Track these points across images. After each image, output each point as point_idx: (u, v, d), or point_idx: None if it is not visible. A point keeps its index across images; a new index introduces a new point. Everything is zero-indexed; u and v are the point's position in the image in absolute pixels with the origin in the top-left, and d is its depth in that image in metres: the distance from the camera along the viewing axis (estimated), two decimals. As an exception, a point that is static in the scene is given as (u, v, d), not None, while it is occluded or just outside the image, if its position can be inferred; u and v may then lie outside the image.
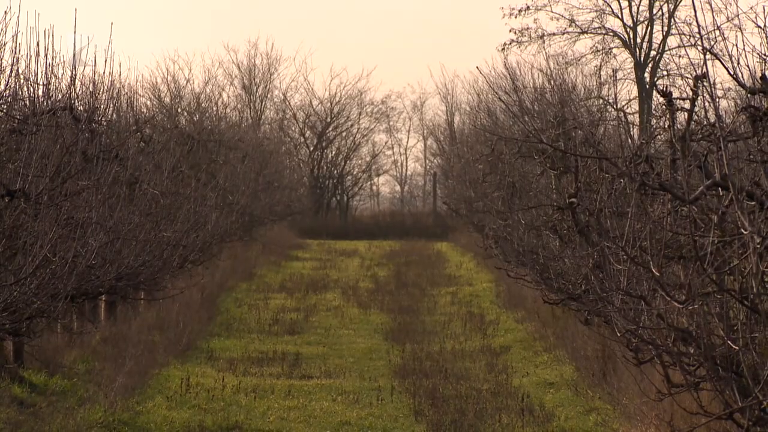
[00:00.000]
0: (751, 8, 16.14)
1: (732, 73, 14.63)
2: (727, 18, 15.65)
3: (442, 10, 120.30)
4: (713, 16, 14.85)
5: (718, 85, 16.52)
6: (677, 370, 15.06)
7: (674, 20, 62.31)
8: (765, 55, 14.44)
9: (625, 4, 65.14)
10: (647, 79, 59.76)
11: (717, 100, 15.61)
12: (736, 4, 21.35)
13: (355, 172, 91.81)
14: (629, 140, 23.18)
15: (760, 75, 14.45)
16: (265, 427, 23.03)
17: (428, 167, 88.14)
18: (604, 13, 65.49)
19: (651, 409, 18.76)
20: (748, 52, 14.62)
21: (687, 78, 19.51)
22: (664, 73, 62.10)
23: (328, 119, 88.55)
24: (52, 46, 25.16)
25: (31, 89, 25.00)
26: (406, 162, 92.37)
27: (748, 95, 14.70)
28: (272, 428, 22.97)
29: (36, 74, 24.96)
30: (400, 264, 56.70)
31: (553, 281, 27.31)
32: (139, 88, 46.24)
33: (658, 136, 21.81)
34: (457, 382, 27.07)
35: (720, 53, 14.61)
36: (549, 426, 22.40)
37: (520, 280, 33.77)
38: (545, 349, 30.86)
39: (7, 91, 22.91)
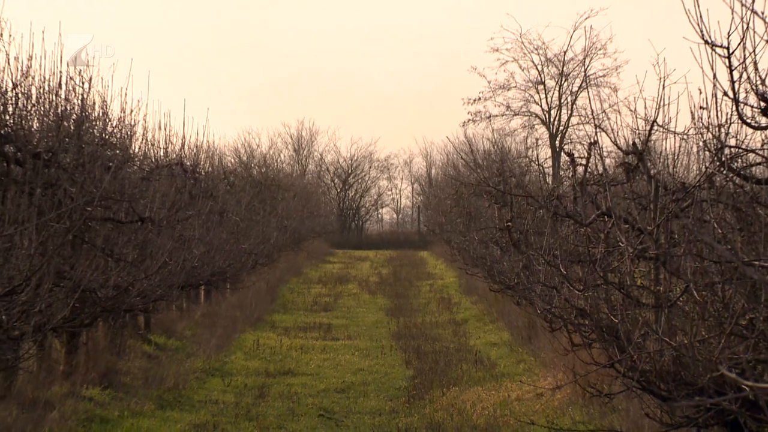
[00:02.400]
0: (625, 98, 16.00)
1: (613, 141, 15.42)
2: (609, 105, 16.46)
3: (423, 98, 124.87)
4: (600, 104, 17.12)
5: (604, 149, 17.51)
6: (577, 335, 15.50)
7: (575, 106, 67.00)
8: (634, 129, 14.81)
9: (543, 96, 70.08)
10: (558, 145, 63.34)
11: (603, 159, 16.79)
12: (616, 96, 22.42)
13: (366, 206, 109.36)
14: (545, 185, 24.67)
15: (631, 142, 14.96)
16: (308, 372, 25.25)
17: (414, 202, 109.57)
18: (529, 101, 74.80)
19: (560, 360, 19.33)
20: (624, 127, 15.12)
21: (584, 144, 20.86)
22: (569, 141, 67.25)
23: (349, 171, 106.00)
24: (169, 123, 28.30)
25: (155, 151, 27.73)
26: (400, 199, 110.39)
27: (624, 155, 15.48)
28: (313, 372, 25.19)
29: (158, 141, 27.91)
30: (396, 265, 62.06)
31: (495, 277, 30.41)
32: (226, 150, 52.02)
33: (565, 182, 22.58)
34: (433, 343, 29.74)
35: (605, 128, 15.51)
36: (493, 371, 24.32)
37: (474, 276, 38.70)
38: (491, 321, 34.26)
39: (140, 152, 25.30)
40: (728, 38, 10.14)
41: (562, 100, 72.53)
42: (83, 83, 20.10)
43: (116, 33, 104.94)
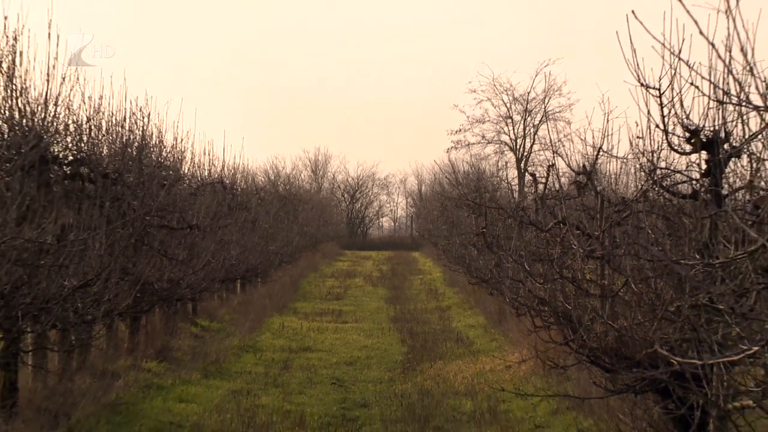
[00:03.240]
0: (576, 129, 17.05)
1: (567, 164, 15.51)
2: (564, 135, 16.20)
3: (416, 129, 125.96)
4: (557, 135, 17.80)
5: (560, 170, 17.52)
6: (538, 319, 15.35)
7: (537, 136, 67.78)
8: (584, 155, 14.84)
9: (510, 128, 72.55)
10: (523, 168, 63.67)
11: (559, 178, 17.08)
12: (569, 128, 22.03)
13: (370, 216, 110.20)
14: (513, 199, 25.31)
15: (582, 165, 15.00)
16: (323, 348, 25.09)
17: (408, 213, 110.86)
18: (500, 132, 76.77)
19: (525, 339, 19.28)
20: (576, 153, 15.18)
21: (543, 167, 20.67)
22: (532, 164, 68.77)
23: (356, 188, 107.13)
24: (212, 150, 30.26)
25: (201, 171, 28.13)
26: (397, 210, 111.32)
27: (576, 175, 15.48)
28: (327, 349, 25.02)
29: (203, 164, 28.48)
30: (394, 263, 61.86)
31: (473, 272, 30.46)
32: (257, 171, 52.74)
33: (528, 197, 22.83)
34: (423, 325, 29.65)
35: (561, 154, 15.54)
36: (471, 348, 24.20)
37: (456, 271, 38.30)
38: (469, 307, 33.58)
39: (189, 173, 25.94)
40: (659, 81, 10.13)
41: (526, 131, 72.87)
42: (143, 117, 20.21)
43: (176, 81, 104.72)
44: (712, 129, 10.36)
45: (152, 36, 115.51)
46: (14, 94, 13.63)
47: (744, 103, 7.18)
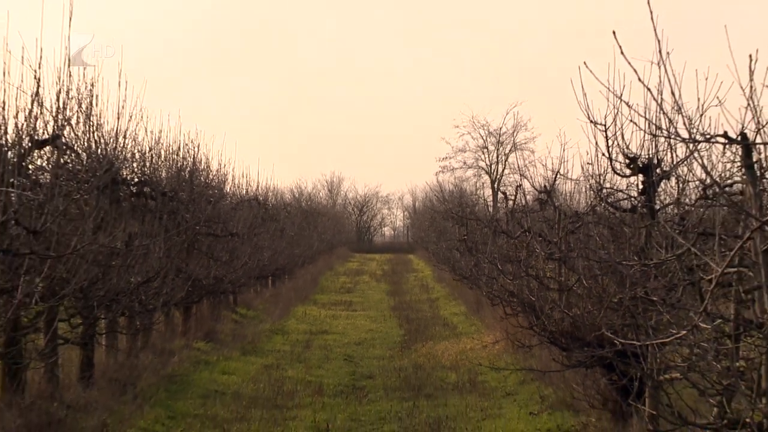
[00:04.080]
0: (539, 157, 17.36)
1: (531, 184, 15.65)
2: (529, 162, 17.16)
3: (411, 155, 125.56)
4: (523, 161, 18.34)
5: (526, 190, 17.34)
6: (509, 308, 15.38)
7: (507, 163, 67.99)
8: (545, 177, 14.94)
9: (486, 156, 74.25)
10: (496, 187, 63.90)
11: (525, 196, 16.88)
12: (533, 156, 21.97)
13: (374, 226, 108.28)
14: (488, 212, 25.05)
15: (543, 186, 15.06)
16: (337, 331, 24.92)
17: (404, 223, 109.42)
18: (478, 159, 76.14)
19: (498, 324, 19.01)
20: (539, 175, 15.33)
21: (513, 187, 19.65)
22: (503, 185, 69.55)
23: (363, 204, 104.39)
24: (249, 173, 31.30)
25: (240, 190, 28.08)
26: (396, 221, 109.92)
27: (539, 194, 15.46)
28: (340, 332, 24.84)
29: (242, 184, 28.47)
30: (393, 264, 60.73)
31: (456, 271, 30.67)
32: (285, 190, 52.37)
33: (501, 211, 22.55)
34: (416, 313, 29.45)
35: (527, 176, 16.19)
36: (455, 331, 24.01)
37: (443, 270, 38.56)
38: (453, 298, 32.93)
39: (231, 191, 25.93)
40: (605, 118, 10.11)
41: (498, 159, 72.36)
42: (194, 147, 20.28)
43: (222, 116, 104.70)
44: (647, 157, 10.36)
45: (204, 77, 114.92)
46: (91, 129, 13.64)
47: (673, 136, 7.16)
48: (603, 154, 10.57)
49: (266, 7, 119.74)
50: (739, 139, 6.41)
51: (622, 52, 5.60)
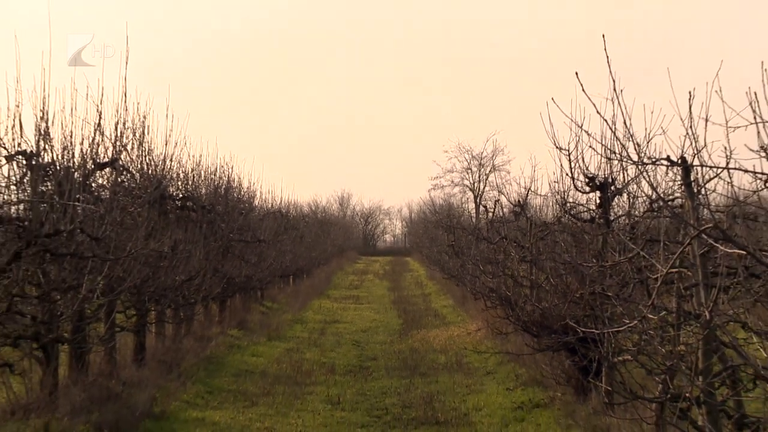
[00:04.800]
0: (514, 177, 17.56)
1: (508, 199, 15.99)
2: (506, 181, 17.30)
3: (409, 174, 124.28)
4: (501, 180, 18.14)
5: (504, 204, 17.82)
6: (489, 301, 15.46)
7: (488, 181, 67.62)
8: (519, 193, 15.08)
9: (470, 176, 72.27)
10: (478, 202, 63.15)
11: (503, 208, 17.17)
12: (509, 175, 21.78)
13: (377, 233, 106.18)
14: (472, 222, 25.79)
15: (517, 200, 15.16)
16: (346, 321, 24.55)
17: (403, 231, 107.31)
18: (464, 179, 73.29)
19: (480, 315, 18.70)
20: (513, 192, 15.68)
21: (492, 201, 19.78)
22: (484, 199, 66.23)
23: (368, 215, 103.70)
24: (274, 190, 31.06)
25: (266, 204, 28.24)
26: (395, 230, 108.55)
27: (513, 207, 15.73)
28: (349, 321, 24.45)
29: (268, 199, 28.76)
30: (393, 265, 59.98)
31: (446, 271, 30.38)
32: (303, 204, 51.24)
33: (482, 221, 22.67)
34: (412, 305, 28.87)
35: (504, 192, 16.70)
36: (444, 321, 23.58)
37: (435, 270, 38.29)
38: (443, 294, 32.38)
39: (259, 205, 26.19)
40: (569, 144, 10.17)
41: (480, 178, 72.01)
42: (229, 169, 20.38)
43: (251, 141, 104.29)
44: (603, 176, 10.36)
45: (237, 110, 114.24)
46: (144, 153, 13.65)
47: (624, 159, 7.16)
48: (567, 174, 10.61)
49: (282, 55, 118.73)
50: (679, 161, 6.44)
51: (583, 90, 5.61)
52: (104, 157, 11.47)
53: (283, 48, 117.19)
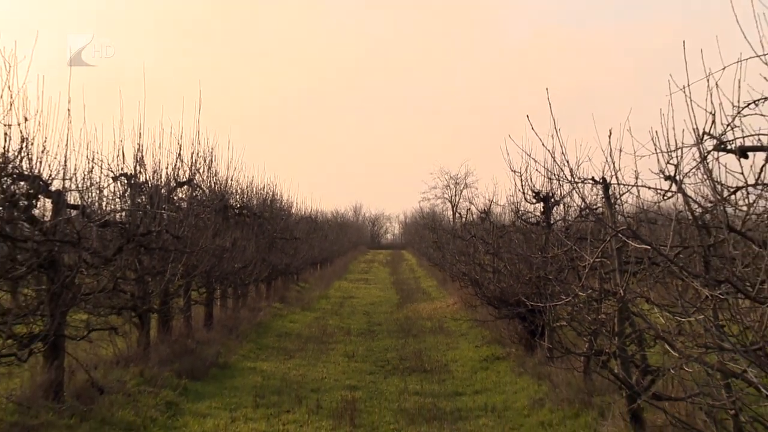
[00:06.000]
0: (482, 192, 17.21)
1: (477, 209, 15.38)
2: (475, 195, 17.07)
3: (406, 190, 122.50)
4: (471, 195, 17.32)
5: (473, 211, 17.18)
6: (463, 282, 15.12)
7: (462, 195, 66.53)
8: (485, 204, 14.83)
9: (449, 192, 68.96)
10: (455, 210, 62.14)
11: (473, 215, 16.45)
12: (478, 191, 21.30)
13: (381, 233, 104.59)
14: (450, 225, 25.22)
15: (483, 209, 14.83)
16: (358, 297, 23.84)
17: (400, 232, 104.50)
18: (444, 193, 70.78)
19: (456, 292, 18.55)
20: (480, 203, 15.43)
21: (464, 210, 19.08)
22: (459, 210, 65.87)
23: (374, 220, 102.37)
24: (306, 202, 30.58)
25: (300, 212, 27.44)
26: (395, 230, 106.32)
27: (480, 214, 15.26)
28: (361, 297, 23.77)
29: (302, 209, 28.24)
30: (393, 256, 59.08)
31: (432, 260, 31.31)
32: (327, 211, 51.19)
33: (458, 224, 22.76)
34: (407, 285, 28.20)
35: (474, 204, 15.93)
36: (430, 296, 22.97)
37: (423, 260, 39.08)
38: (429, 277, 32.76)
39: (296, 212, 25.60)
40: (521, 168, 10.46)
41: (456, 193, 71.90)
42: (273, 186, 20.63)
43: (292, 162, 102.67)
44: (546, 192, 10.30)
45: (277, 139, 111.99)
46: (212, 175, 13.67)
47: (561, 179, 7.11)
48: (519, 190, 10.62)
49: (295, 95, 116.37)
50: (601, 181, 6.48)
51: (532, 128, 5.61)
52: (183, 177, 11.51)
53: (307, 105, 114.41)
